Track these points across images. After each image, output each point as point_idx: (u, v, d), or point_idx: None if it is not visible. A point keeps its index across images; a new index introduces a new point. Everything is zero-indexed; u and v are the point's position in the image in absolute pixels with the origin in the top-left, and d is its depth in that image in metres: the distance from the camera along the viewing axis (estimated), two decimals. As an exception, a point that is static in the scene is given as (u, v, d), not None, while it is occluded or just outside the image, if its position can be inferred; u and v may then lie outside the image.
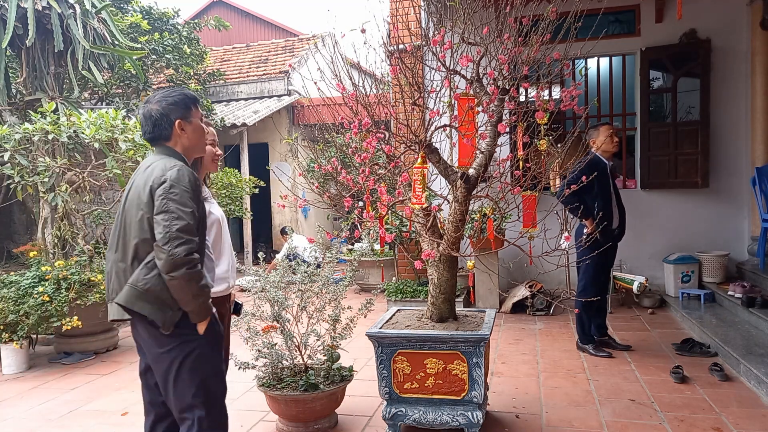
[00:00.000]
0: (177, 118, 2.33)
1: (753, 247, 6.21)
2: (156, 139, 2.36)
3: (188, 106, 2.37)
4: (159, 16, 10.20)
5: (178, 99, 2.35)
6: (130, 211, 2.24)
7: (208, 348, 2.29)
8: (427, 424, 3.13)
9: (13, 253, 8.68)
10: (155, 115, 2.32)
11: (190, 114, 2.37)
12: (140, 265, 2.18)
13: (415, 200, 2.99)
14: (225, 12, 15.99)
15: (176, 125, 2.33)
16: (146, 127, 2.35)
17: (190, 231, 2.14)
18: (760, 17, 6.01)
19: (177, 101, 2.34)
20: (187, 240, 2.12)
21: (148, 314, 2.18)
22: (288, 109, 11.71)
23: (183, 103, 2.35)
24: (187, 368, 2.24)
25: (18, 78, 7.27)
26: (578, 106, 3.10)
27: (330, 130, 3.84)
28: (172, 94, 2.36)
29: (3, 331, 4.68)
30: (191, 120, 2.37)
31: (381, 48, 3.34)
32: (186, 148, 2.38)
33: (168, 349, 2.23)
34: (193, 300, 2.16)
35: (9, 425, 3.74)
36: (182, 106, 2.35)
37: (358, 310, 3.52)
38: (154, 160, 2.31)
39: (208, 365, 2.29)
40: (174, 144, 2.35)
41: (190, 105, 2.38)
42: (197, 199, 2.22)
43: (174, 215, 2.12)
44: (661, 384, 3.96)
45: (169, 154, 2.33)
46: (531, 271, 6.63)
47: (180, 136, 2.35)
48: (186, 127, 2.35)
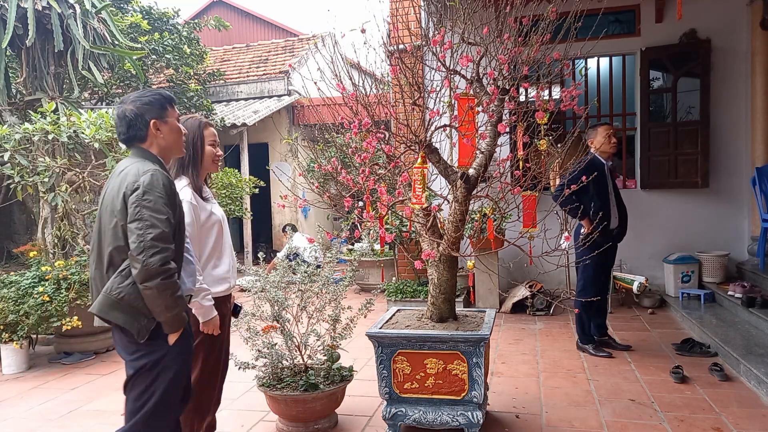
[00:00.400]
0: (152, 118, 2.27)
1: (753, 247, 6.21)
2: (131, 140, 2.30)
3: (164, 105, 2.31)
4: (159, 16, 10.21)
5: (153, 99, 2.30)
6: (104, 217, 2.19)
7: (175, 362, 2.21)
8: (427, 424, 3.13)
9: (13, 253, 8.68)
10: (129, 115, 2.26)
11: (165, 114, 2.31)
12: (115, 273, 2.13)
13: (415, 200, 2.99)
14: (225, 12, 15.99)
15: (151, 125, 2.27)
16: (121, 128, 2.29)
17: (165, 239, 2.08)
18: (760, 17, 6.01)
19: (152, 101, 2.29)
20: (162, 249, 2.07)
21: (122, 323, 2.13)
22: (288, 109, 11.71)
23: (158, 102, 2.30)
24: (144, 377, 2.18)
25: (18, 78, 7.27)
26: (578, 106, 3.10)
27: (330, 130, 3.84)
28: (147, 93, 2.31)
29: (3, 331, 4.69)
30: (167, 120, 2.32)
31: (381, 48, 3.34)
32: (162, 149, 2.32)
33: (135, 357, 2.18)
34: (166, 311, 2.11)
35: (9, 425, 3.74)
36: (157, 106, 2.29)
37: (358, 310, 3.52)
38: (128, 164, 2.24)
39: (167, 381, 2.20)
40: (149, 145, 2.30)
41: (165, 104, 2.32)
42: (173, 204, 2.18)
43: (148, 223, 2.07)
44: (661, 384, 3.96)
45: (144, 156, 2.27)
46: (531, 271, 6.63)
47: (156, 137, 2.29)
48: (162, 127, 2.29)
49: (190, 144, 2.67)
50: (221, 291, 2.70)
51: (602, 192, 4.56)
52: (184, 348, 2.26)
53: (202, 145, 2.72)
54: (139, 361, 2.18)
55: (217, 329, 2.65)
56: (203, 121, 2.77)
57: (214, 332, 2.64)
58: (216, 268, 2.71)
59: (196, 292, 2.53)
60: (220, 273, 2.72)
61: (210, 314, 2.58)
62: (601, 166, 4.54)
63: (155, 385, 2.19)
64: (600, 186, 4.52)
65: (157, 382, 2.19)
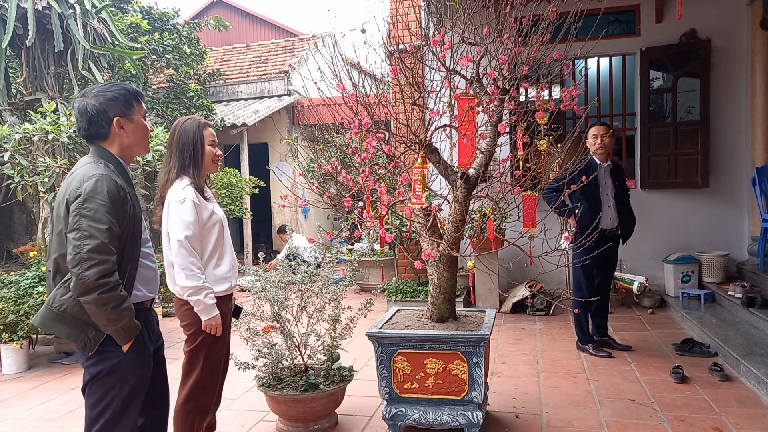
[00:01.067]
0: (116, 115, 2.11)
1: (753, 247, 6.21)
2: (91, 137, 2.14)
3: (129, 101, 2.15)
4: (159, 16, 10.21)
5: (117, 94, 2.13)
6: (54, 222, 2.07)
7: (132, 369, 2.11)
8: (427, 424, 3.13)
9: (13, 253, 8.68)
10: (91, 110, 2.09)
11: (131, 111, 2.16)
12: (57, 285, 2.02)
13: (415, 200, 2.99)
14: (225, 12, 15.98)
15: (114, 123, 2.11)
16: (81, 123, 2.12)
17: (103, 251, 1.95)
18: (760, 17, 6.01)
19: (116, 96, 2.12)
20: (100, 261, 1.93)
21: (66, 337, 2.04)
22: (288, 109, 11.71)
23: (123, 98, 2.13)
24: (101, 384, 2.08)
25: (18, 78, 7.27)
26: (578, 106, 3.10)
27: (330, 130, 3.84)
28: (112, 88, 2.14)
29: (3, 331, 4.69)
30: (132, 117, 2.16)
31: (381, 48, 3.34)
32: (125, 148, 2.17)
33: (90, 363, 2.09)
34: (109, 324, 2.00)
35: (9, 425, 3.74)
36: (122, 102, 2.13)
37: (358, 310, 3.52)
38: (79, 165, 2.12)
39: (126, 390, 2.10)
40: (110, 144, 2.14)
41: (131, 100, 2.16)
42: (120, 212, 2.04)
43: (86, 233, 1.93)
44: (661, 384, 3.96)
45: (100, 156, 2.12)
46: (531, 271, 6.63)
47: (119, 135, 2.14)
48: (126, 125, 2.14)
49: (190, 144, 2.68)
50: (223, 290, 2.71)
51: (593, 192, 4.54)
52: (140, 355, 2.15)
53: (203, 145, 2.73)
54: (95, 367, 2.08)
55: (219, 329, 2.65)
56: (202, 122, 2.77)
57: (216, 332, 2.64)
58: (217, 268, 2.72)
59: (198, 291, 2.54)
60: (221, 272, 2.73)
61: (212, 312, 2.59)
62: (593, 167, 4.56)
63: (113, 392, 2.08)
64: (591, 186, 4.46)
65: (114, 389, 2.08)
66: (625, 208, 4.73)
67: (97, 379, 2.08)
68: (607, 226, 4.62)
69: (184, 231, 2.56)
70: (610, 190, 4.66)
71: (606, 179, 4.66)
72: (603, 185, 4.64)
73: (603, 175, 4.65)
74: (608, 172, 4.69)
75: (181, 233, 2.55)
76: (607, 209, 4.62)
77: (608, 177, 4.68)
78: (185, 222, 2.57)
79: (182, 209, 2.58)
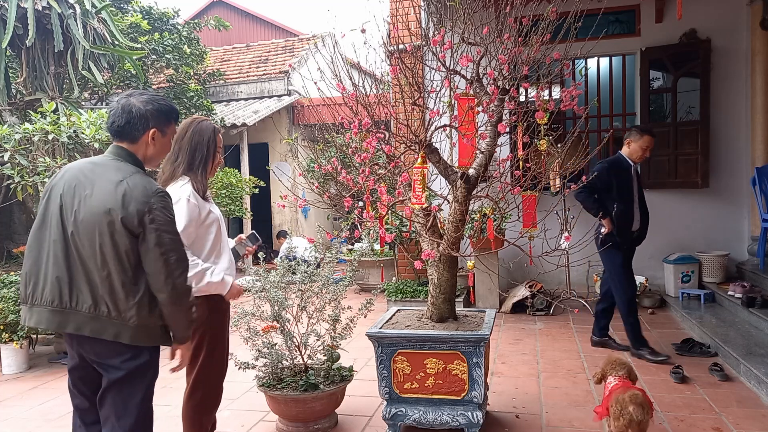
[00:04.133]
0: (154, 126, 2.23)
1: (753, 247, 6.21)
2: (121, 135, 2.22)
3: (169, 119, 2.30)
4: (159, 16, 10.20)
5: (163, 108, 2.26)
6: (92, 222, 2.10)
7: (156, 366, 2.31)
8: (427, 424, 3.13)
9: (13, 253, 8.67)
10: (135, 112, 2.19)
11: (167, 128, 2.30)
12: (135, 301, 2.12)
13: (415, 200, 2.99)
14: (225, 12, 15.98)
15: (150, 132, 2.23)
16: (118, 119, 2.20)
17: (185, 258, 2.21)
18: (760, 17, 6.01)
19: (161, 109, 2.26)
20: (185, 269, 2.18)
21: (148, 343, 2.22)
22: (288, 109, 11.71)
23: (166, 114, 2.27)
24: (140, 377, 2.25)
25: (18, 78, 7.27)
26: (578, 106, 3.10)
27: (330, 130, 3.84)
28: (161, 100, 2.27)
29: (3, 331, 4.69)
30: (165, 133, 2.30)
31: (381, 48, 3.34)
32: (146, 157, 2.27)
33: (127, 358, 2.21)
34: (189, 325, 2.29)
35: (9, 425, 3.74)
36: (165, 117, 2.27)
37: (358, 310, 3.52)
38: (125, 173, 2.14)
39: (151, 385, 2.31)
40: (136, 149, 2.23)
41: (171, 119, 2.31)
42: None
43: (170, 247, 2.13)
44: (661, 384, 3.96)
45: (133, 162, 2.22)
46: (531, 271, 6.62)
47: (147, 144, 2.24)
48: (158, 139, 2.26)
49: (204, 145, 2.72)
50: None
51: (625, 193, 4.46)
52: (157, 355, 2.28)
53: (216, 149, 2.78)
54: (133, 361, 2.16)
55: (241, 293, 2.81)
56: (217, 127, 2.83)
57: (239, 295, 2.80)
58: (215, 266, 2.72)
59: (200, 276, 2.58)
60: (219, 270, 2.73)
61: (226, 285, 2.69)
62: (627, 167, 4.48)
63: (148, 385, 2.22)
64: (623, 187, 4.44)
65: (147, 382, 2.22)
66: (645, 209, 4.65)
67: (137, 373, 2.17)
68: (635, 227, 4.57)
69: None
70: (637, 191, 4.60)
71: (633, 180, 4.58)
72: (633, 187, 4.56)
73: (633, 177, 4.57)
74: (635, 173, 4.61)
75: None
76: (635, 210, 4.56)
77: (635, 178, 4.60)
78: (180, 222, 2.57)
79: (177, 208, 2.59)
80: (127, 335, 2.11)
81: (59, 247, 2.13)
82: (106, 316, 2.10)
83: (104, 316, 2.10)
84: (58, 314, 2.14)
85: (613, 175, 4.46)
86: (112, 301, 2.10)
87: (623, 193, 4.44)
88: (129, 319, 2.10)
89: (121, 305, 2.10)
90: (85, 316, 2.11)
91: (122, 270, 2.09)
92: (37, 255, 2.19)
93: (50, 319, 2.15)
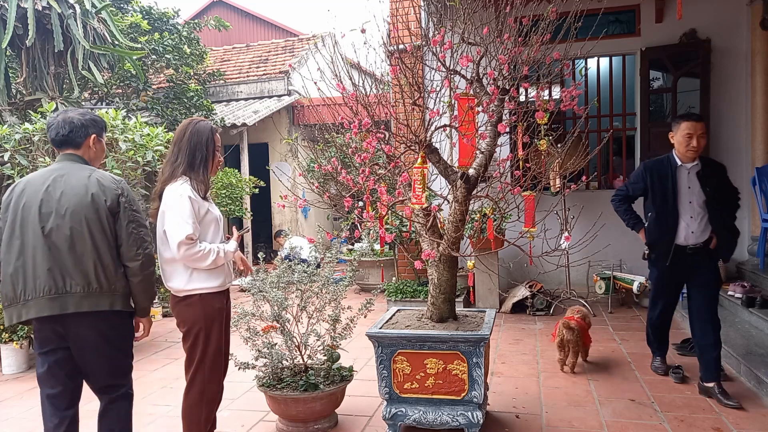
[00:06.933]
0: (94, 132, 2.68)
1: (753, 247, 6.20)
2: (67, 143, 2.63)
3: (103, 128, 2.77)
4: (159, 16, 10.21)
5: (99, 119, 2.74)
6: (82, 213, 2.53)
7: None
8: (427, 424, 3.13)
9: (13, 253, 8.66)
10: (77, 122, 2.63)
11: (102, 135, 2.76)
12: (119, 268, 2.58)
13: (415, 200, 2.99)
14: (225, 12, 15.98)
15: (91, 138, 2.67)
16: (62, 130, 2.62)
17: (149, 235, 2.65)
18: (760, 17, 6.01)
19: (98, 120, 2.73)
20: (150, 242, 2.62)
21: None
22: (288, 109, 11.71)
23: (101, 124, 2.75)
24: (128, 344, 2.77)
25: (18, 78, 7.27)
26: (578, 106, 3.10)
27: (330, 130, 3.84)
28: (94, 114, 2.77)
29: (3, 331, 4.69)
30: (101, 139, 2.75)
31: (381, 48, 3.34)
32: (91, 160, 2.70)
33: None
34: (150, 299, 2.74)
35: (9, 425, 3.74)
36: (99, 127, 2.72)
37: (358, 310, 3.52)
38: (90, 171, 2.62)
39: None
40: (83, 153, 2.67)
41: (103, 129, 2.78)
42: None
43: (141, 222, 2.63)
44: (661, 384, 3.96)
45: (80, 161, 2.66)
46: (531, 271, 6.62)
47: (90, 148, 2.69)
48: (96, 143, 2.70)
49: (203, 145, 2.77)
50: (217, 285, 2.76)
51: (666, 200, 3.79)
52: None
53: (215, 148, 2.83)
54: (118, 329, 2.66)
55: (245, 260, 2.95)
56: (214, 127, 2.88)
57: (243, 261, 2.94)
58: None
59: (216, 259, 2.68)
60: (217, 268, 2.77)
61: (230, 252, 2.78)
62: (672, 169, 3.80)
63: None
64: (663, 192, 3.80)
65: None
66: (721, 217, 3.76)
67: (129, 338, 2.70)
68: (689, 241, 3.75)
69: (185, 230, 2.59)
70: (696, 197, 3.75)
71: (691, 183, 3.78)
72: (685, 191, 3.77)
73: (685, 179, 3.79)
74: (695, 174, 3.77)
75: (182, 233, 2.57)
76: (690, 221, 3.74)
77: (695, 181, 3.77)
78: (184, 217, 2.60)
79: (180, 202, 2.63)
80: (119, 303, 2.54)
81: (41, 246, 2.45)
82: (97, 291, 2.47)
83: (96, 292, 2.47)
84: (57, 299, 2.44)
85: (650, 179, 3.89)
86: (104, 275, 2.49)
87: (663, 199, 3.80)
88: (119, 289, 2.53)
89: (111, 278, 2.50)
90: (80, 296, 2.45)
91: (110, 247, 2.51)
92: (19, 258, 2.47)
93: (51, 306, 2.43)
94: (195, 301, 2.69)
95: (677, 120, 3.83)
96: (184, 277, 2.68)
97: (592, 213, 4.93)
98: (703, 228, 3.74)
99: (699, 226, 3.74)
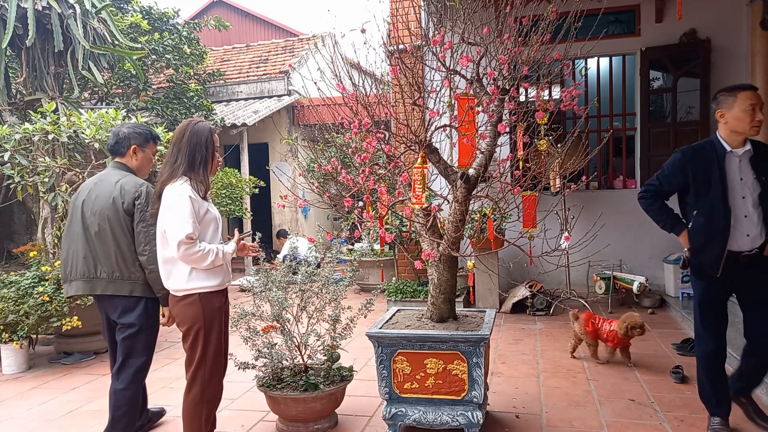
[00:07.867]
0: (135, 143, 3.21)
1: (753, 247, 6.18)
2: (114, 152, 3.22)
3: (148, 140, 3.25)
4: (159, 16, 10.21)
5: (144, 132, 3.24)
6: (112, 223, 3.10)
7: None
8: (427, 424, 3.13)
9: (13, 253, 8.68)
10: (121, 135, 3.19)
11: (146, 146, 3.25)
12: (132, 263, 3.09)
13: (415, 200, 2.99)
14: (225, 12, 15.98)
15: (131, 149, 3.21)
16: (111, 141, 3.23)
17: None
18: (760, 17, 6.00)
19: (143, 133, 3.23)
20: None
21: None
22: (288, 109, 11.71)
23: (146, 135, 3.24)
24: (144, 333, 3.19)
25: (18, 78, 7.27)
26: (578, 106, 3.10)
27: (330, 130, 3.84)
28: (143, 127, 3.26)
29: (3, 331, 4.68)
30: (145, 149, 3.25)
31: (381, 48, 3.34)
32: (135, 168, 3.23)
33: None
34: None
35: (9, 425, 3.74)
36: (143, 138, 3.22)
37: (358, 310, 3.52)
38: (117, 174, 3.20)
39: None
40: (126, 161, 3.22)
41: (149, 139, 3.25)
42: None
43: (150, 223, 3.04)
44: (661, 384, 3.96)
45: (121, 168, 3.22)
46: (531, 271, 6.63)
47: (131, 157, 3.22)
48: (138, 152, 3.22)
49: (203, 146, 2.79)
50: (216, 284, 2.77)
51: (712, 195, 2.96)
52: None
53: (214, 149, 2.86)
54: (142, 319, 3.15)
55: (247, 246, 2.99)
56: (213, 127, 2.90)
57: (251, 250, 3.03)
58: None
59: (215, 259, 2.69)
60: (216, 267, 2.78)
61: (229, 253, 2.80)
62: (718, 156, 2.97)
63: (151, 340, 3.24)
64: (709, 186, 2.97)
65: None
66: None
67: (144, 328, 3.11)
68: (742, 246, 2.96)
69: (186, 229, 2.59)
70: (750, 191, 2.95)
71: (743, 173, 2.97)
72: (736, 183, 2.96)
73: (736, 169, 2.97)
74: (747, 162, 2.97)
75: (182, 233, 2.57)
76: (744, 220, 2.94)
77: (747, 169, 2.96)
78: (184, 217, 2.61)
79: (181, 201, 2.62)
80: (139, 290, 3.06)
81: (82, 237, 3.11)
82: (119, 278, 3.05)
83: (118, 279, 3.05)
84: (89, 282, 3.10)
85: (691, 170, 3.03)
86: (124, 265, 3.05)
87: (709, 194, 2.97)
88: (138, 278, 3.06)
89: (130, 267, 3.05)
90: (106, 281, 3.06)
91: (128, 242, 3.05)
92: (69, 245, 3.17)
93: (84, 287, 3.12)
94: (194, 300, 2.70)
95: (730, 92, 2.95)
96: (184, 276, 2.69)
97: (592, 213, 4.94)
98: (759, 230, 2.95)
99: (756, 228, 2.94)
